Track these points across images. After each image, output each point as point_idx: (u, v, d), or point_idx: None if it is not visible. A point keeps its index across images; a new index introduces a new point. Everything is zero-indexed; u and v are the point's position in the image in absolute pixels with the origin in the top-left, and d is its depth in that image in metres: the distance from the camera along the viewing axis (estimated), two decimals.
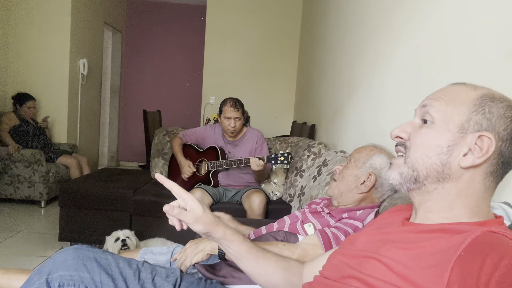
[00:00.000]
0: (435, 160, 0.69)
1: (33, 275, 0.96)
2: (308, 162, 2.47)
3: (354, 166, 1.33)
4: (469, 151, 0.67)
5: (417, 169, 0.71)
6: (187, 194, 0.86)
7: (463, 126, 0.68)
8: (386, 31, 1.92)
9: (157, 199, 2.61)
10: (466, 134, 0.68)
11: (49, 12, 4.34)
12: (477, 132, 0.67)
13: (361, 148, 1.39)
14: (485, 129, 0.67)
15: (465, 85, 0.73)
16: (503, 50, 1.04)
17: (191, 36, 6.19)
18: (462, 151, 0.68)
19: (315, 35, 3.88)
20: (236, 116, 2.52)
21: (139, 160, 6.30)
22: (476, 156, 0.66)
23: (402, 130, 0.76)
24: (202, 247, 1.12)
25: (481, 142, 0.66)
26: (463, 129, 0.68)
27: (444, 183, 0.70)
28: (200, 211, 0.85)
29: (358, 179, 1.30)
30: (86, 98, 4.96)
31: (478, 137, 0.66)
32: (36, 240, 2.85)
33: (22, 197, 3.71)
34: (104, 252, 1.00)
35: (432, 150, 0.70)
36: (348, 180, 1.32)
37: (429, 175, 0.70)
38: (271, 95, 5.11)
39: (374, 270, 0.68)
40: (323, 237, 1.10)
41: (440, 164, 0.69)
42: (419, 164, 0.71)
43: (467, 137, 0.67)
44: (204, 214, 0.85)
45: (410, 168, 0.72)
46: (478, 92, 0.70)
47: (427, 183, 0.71)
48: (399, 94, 1.72)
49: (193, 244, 1.15)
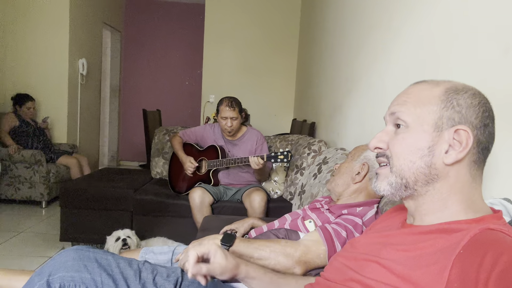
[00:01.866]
0: (420, 164, 0.69)
1: (34, 276, 0.96)
2: (309, 160, 2.47)
3: (350, 160, 1.37)
4: (449, 147, 0.68)
5: (405, 176, 0.71)
6: (205, 247, 0.90)
7: (437, 124, 0.68)
8: (385, 27, 1.92)
9: (158, 198, 2.61)
10: (442, 131, 0.68)
11: (47, 12, 4.33)
12: (452, 127, 0.67)
13: (359, 146, 1.42)
14: (458, 123, 0.67)
15: (426, 82, 0.74)
16: (503, 45, 1.03)
17: (190, 35, 6.18)
18: (443, 149, 0.68)
19: (314, 32, 3.88)
20: (232, 116, 2.51)
21: (140, 159, 6.30)
22: (458, 150, 0.67)
23: (379, 140, 0.76)
24: None
25: (459, 136, 0.67)
26: (438, 127, 0.68)
27: (434, 183, 0.70)
28: (224, 261, 0.89)
29: (353, 170, 1.33)
30: (86, 98, 4.96)
31: (454, 132, 0.67)
32: (37, 240, 2.85)
33: (23, 197, 3.72)
34: (105, 252, 1.00)
35: (414, 154, 0.70)
36: (344, 172, 1.35)
37: (418, 180, 0.70)
38: (271, 92, 5.10)
39: (375, 273, 0.69)
40: (324, 233, 1.11)
41: (425, 166, 0.69)
42: (405, 171, 0.71)
43: (444, 134, 0.68)
44: (227, 262, 0.89)
45: (398, 176, 0.72)
46: (441, 87, 0.71)
47: (418, 188, 0.71)
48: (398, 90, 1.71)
49: (196, 244, 1.15)
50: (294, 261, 1.06)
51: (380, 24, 1.98)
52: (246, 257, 1.08)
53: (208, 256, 0.89)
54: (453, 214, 0.69)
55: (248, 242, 1.10)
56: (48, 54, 4.37)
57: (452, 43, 1.29)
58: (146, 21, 6.24)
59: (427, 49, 1.47)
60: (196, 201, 2.39)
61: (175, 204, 2.59)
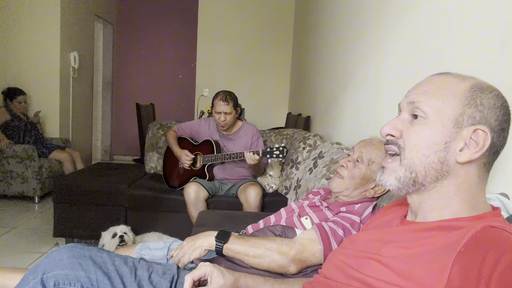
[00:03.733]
0: (433, 159, 0.67)
1: (28, 274, 0.95)
2: (304, 154, 2.46)
3: (367, 169, 1.27)
4: (465, 146, 0.66)
5: (415, 170, 0.69)
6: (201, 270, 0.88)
7: (457, 120, 0.66)
8: (381, 21, 1.90)
9: (153, 193, 2.60)
10: (461, 128, 0.66)
11: (38, 5, 4.25)
12: (472, 126, 0.66)
13: (373, 147, 1.30)
14: (478, 122, 0.66)
15: (451, 75, 0.71)
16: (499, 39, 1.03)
17: (184, 28, 6.11)
18: (458, 146, 0.66)
19: (309, 26, 3.85)
20: (226, 111, 2.49)
21: (133, 154, 6.26)
22: (473, 150, 0.65)
23: (393, 127, 0.72)
24: (199, 243, 1.11)
25: (476, 136, 0.65)
26: (458, 124, 0.66)
27: (443, 180, 0.68)
28: (222, 279, 0.87)
29: (369, 183, 1.28)
30: (78, 91, 4.90)
31: (473, 131, 0.65)
32: (30, 236, 2.82)
33: (15, 193, 3.68)
34: (100, 250, 0.99)
35: (430, 148, 0.67)
36: (358, 182, 1.28)
37: (427, 175, 0.68)
38: (266, 86, 5.08)
39: (376, 271, 0.68)
40: (320, 232, 1.10)
41: (438, 162, 0.67)
42: (416, 164, 0.69)
43: (462, 131, 0.66)
44: (225, 279, 0.88)
45: (408, 170, 0.69)
46: (467, 83, 0.68)
47: (426, 183, 0.69)
48: (394, 84, 1.71)
49: (190, 240, 1.14)
50: (289, 259, 1.05)
51: (376, 18, 1.97)
52: (241, 254, 1.07)
53: (204, 278, 0.88)
54: (456, 213, 0.69)
55: (243, 239, 1.09)
56: (39, 47, 4.30)
57: (447, 36, 1.28)
58: (139, 13, 6.16)
59: (422, 44, 1.46)
60: (191, 196, 2.38)
61: (170, 199, 2.58)
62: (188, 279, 0.85)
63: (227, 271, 0.91)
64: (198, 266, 0.90)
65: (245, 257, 1.06)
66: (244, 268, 1.11)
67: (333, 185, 1.34)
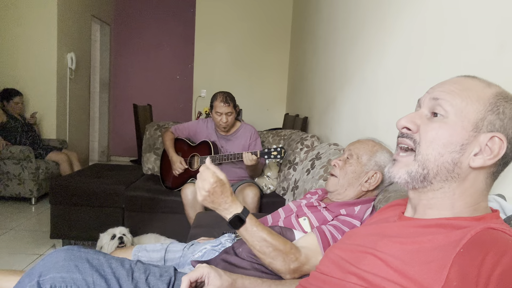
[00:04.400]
0: (447, 158, 0.67)
1: (24, 277, 0.94)
2: (301, 155, 2.46)
3: (357, 163, 1.30)
4: (479, 151, 0.66)
5: (428, 166, 0.69)
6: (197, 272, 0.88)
7: (477, 124, 0.66)
8: (378, 22, 1.91)
9: (150, 194, 2.59)
10: (479, 133, 0.66)
11: (35, 5, 4.24)
12: (490, 133, 0.66)
13: (360, 143, 1.34)
14: (497, 130, 0.66)
15: (478, 80, 0.71)
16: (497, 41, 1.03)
17: (181, 28, 6.11)
18: (473, 151, 0.66)
19: (307, 26, 3.86)
20: (227, 112, 2.49)
21: (131, 155, 6.24)
22: (487, 157, 0.66)
23: (410, 120, 0.72)
24: (219, 209, 1.04)
25: (492, 143, 0.65)
26: (477, 128, 0.66)
27: (451, 182, 0.68)
28: (218, 281, 0.87)
29: (362, 176, 1.29)
30: (75, 92, 4.88)
31: (490, 138, 0.65)
32: (27, 238, 2.81)
33: (12, 194, 3.66)
34: (96, 252, 0.99)
35: (446, 148, 0.67)
36: (351, 177, 1.29)
37: (438, 174, 0.68)
38: (263, 87, 5.08)
39: (372, 266, 0.68)
40: (323, 241, 1.07)
41: (451, 162, 0.67)
42: (430, 161, 0.68)
43: (480, 136, 0.66)
44: (222, 281, 0.88)
45: (421, 166, 0.69)
46: (493, 90, 0.68)
47: (434, 182, 0.69)
48: (391, 85, 1.71)
49: (211, 195, 1.03)
50: (289, 269, 1.02)
51: (374, 19, 1.98)
52: (248, 243, 1.04)
53: (202, 279, 0.88)
54: (456, 214, 0.69)
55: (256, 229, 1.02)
56: (36, 48, 4.28)
57: (445, 38, 1.28)
58: (136, 14, 6.15)
59: (420, 45, 1.46)
60: (188, 197, 2.37)
61: (167, 200, 2.57)
62: (185, 281, 0.85)
63: (224, 272, 0.91)
64: (195, 268, 0.90)
65: (251, 247, 1.04)
66: (242, 269, 1.10)
67: (328, 185, 1.35)
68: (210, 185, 1.00)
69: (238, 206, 1.03)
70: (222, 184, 1.03)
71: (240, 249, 1.18)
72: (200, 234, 1.76)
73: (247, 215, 1.02)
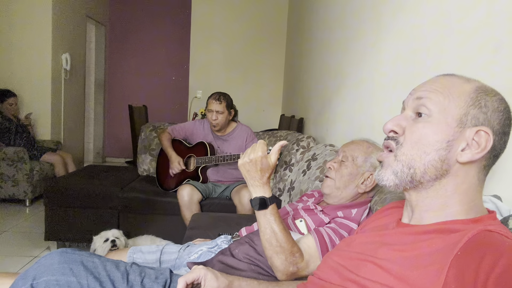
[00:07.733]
0: (433, 156, 0.68)
1: (18, 280, 0.93)
2: (297, 156, 2.46)
3: (353, 165, 1.30)
4: (466, 146, 0.66)
5: (414, 166, 0.69)
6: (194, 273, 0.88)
7: (461, 120, 0.67)
8: (374, 23, 1.91)
9: (145, 195, 2.58)
10: (464, 128, 0.67)
11: (29, 6, 4.21)
12: (475, 127, 0.66)
13: (354, 144, 1.34)
14: (482, 124, 0.66)
15: (457, 76, 0.72)
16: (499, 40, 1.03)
17: (177, 29, 6.09)
18: (460, 146, 0.67)
19: (303, 27, 3.86)
20: (217, 109, 2.49)
21: (126, 156, 6.21)
22: (475, 151, 0.66)
23: (396, 124, 0.73)
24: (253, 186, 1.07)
25: (479, 137, 0.66)
26: (462, 124, 0.67)
27: (441, 179, 0.69)
28: (215, 283, 0.87)
29: (358, 178, 1.28)
30: (70, 93, 4.85)
31: (476, 132, 0.66)
32: (21, 240, 2.79)
33: (6, 196, 3.62)
34: (91, 255, 0.98)
35: (431, 146, 0.68)
36: (347, 179, 1.29)
37: (426, 172, 0.68)
38: (259, 88, 5.08)
39: (372, 273, 0.68)
40: (321, 245, 1.07)
41: (439, 160, 0.68)
42: (416, 161, 0.69)
43: (465, 131, 0.67)
44: (219, 282, 0.88)
45: (406, 165, 0.70)
46: (472, 84, 0.69)
47: (424, 181, 0.69)
48: (387, 86, 1.72)
49: (253, 163, 1.03)
50: (287, 270, 1.01)
51: (369, 19, 1.98)
52: (260, 229, 1.03)
53: (198, 281, 0.87)
54: (453, 214, 0.69)
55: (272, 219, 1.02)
56: (30, 49, 4.25)
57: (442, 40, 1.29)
58: (131, 14, 6.13)
59: (417, 46, 1.47)
60: (184, 199, 2.36)
61: (163, 201, 2.56)
62: (181, 282, 0.84)
63: (221, 274, 0.90)
64: (191, 269, 0.89)
65: (261, 233, 1.04)
66: (239, 271, 1.10)
67: (324, 188, 1.34)
68: (255, 156, 1.02)
69: (268, 191, 1.06)
70: (268, 166, 1.04)
71: (237, 250, 1.17)
72: (196, 235, 1.75)
73: (272, 204, 1.04)
